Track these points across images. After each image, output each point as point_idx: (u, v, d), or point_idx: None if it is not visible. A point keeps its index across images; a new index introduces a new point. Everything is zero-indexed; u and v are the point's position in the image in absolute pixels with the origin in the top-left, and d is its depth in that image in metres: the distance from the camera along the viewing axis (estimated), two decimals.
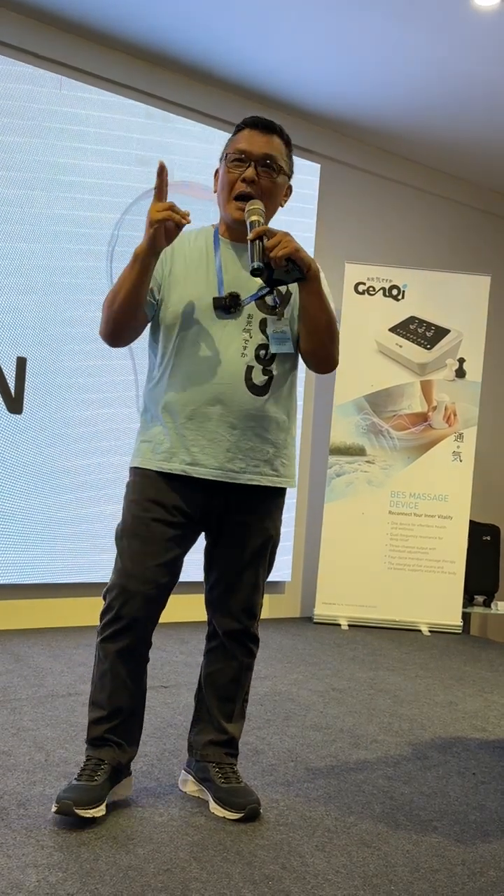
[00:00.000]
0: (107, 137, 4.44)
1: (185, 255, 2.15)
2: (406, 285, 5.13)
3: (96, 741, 2.14)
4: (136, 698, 2.16)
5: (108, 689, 2.12)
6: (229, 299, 2.08)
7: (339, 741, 2.85)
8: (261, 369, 2.12)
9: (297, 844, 2.05)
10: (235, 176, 2.11)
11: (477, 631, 5.82)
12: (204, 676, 2.28)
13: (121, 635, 2.11)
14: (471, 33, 4.11)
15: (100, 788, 2.07)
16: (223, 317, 2.10)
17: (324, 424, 5.28)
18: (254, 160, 2.10)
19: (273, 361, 2.14)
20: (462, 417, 5.12)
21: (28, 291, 4.20)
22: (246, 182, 2.10)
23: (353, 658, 4.15)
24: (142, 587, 2.10)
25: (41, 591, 4.27)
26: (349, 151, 5.41)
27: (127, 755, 2.16)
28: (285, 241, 1.96)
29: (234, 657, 2.24)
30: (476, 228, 6.06)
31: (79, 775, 2.10)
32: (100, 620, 2.15)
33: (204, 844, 2.00)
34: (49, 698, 3.04)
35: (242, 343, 2.10)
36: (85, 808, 2.01)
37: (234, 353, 2.09)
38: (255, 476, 2.14)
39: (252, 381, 2.11)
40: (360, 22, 4.10)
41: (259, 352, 2.12)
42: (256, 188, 2.10)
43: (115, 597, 2.11)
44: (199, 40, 4.38)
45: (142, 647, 2.16)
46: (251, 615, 2.24)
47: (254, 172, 2.10)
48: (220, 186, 2.17)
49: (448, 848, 2.11)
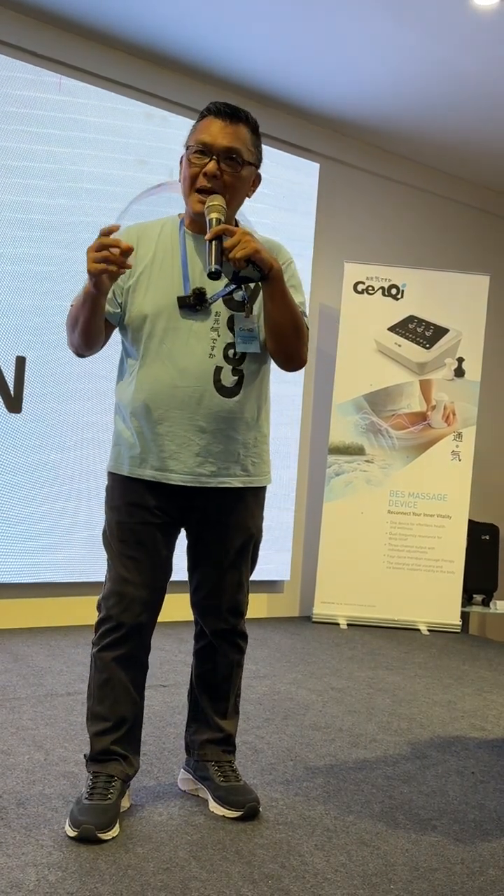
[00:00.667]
0: (106, 136, 4.44)
1: (150, 251, 2.06)
2: (405, 285, 5.13)
3: (102, 755, 2.07)
4: (137, 707, 2.13)
5: (111, 699, 2.07)
6: (194, 297, 1.99)
7: (339, 740, 2.86)
8: (230, 369, 2.05)
9: (296, 843, 2.05)
10: (197, 170, 2.00)
11: (476, 630, 5.82)
12: (195, 676, 2.26)
13: (121, 643, 2.07)
14: (470, 32, 4.11)
15: (115, 807, 2.01)
16: (189, 316, 2.02)
17: (323, 424, 5.28)
18: (216, 153, 1.99)
19: (244, 360, 2.07)
20: (461, 417, 5.12)
21: (27, 291, 4.20)
22: (207, 177, 1.99)
23: (351, 657, 4.15)
24: (139, 592, 2.08)
25: (40, 590, 4.27)
26: (348, 151, 5.41)
27: (133, 768, 2.12)
28: (244, 242, 1.88)
29: (225, 655, 2.23)
30: (475, 228, 6.06)
31: (90, 794, 2.02)
32: (96, 630, 2.11)
33: (203, 843, 2.00)
34: (48, 697, 3.04)
35: (210, 343, 2.03)
36: (104, 831, 1.95)
37: (202, 353, 2.02)
38: (225, 479, 2.09)
39: (221, 383, 2.04)
40: (360, 21, 4.10)
41: (228, 351, 2.04)
42: (218, 183, 2.00)
43: (114, 605, 2.07)
44: (199, 39, 4.38)
45: (142, 654, 2.13)
46: (238, 613, 2.22)
47: (216, 167, 1.99)
48: (182, 178, 2.05)
49: (447, 847, 2.11)
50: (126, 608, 2.06)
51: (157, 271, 2.06)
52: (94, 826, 1.94)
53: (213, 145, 2.00)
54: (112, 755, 2.08)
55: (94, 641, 2.12)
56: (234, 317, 2.05)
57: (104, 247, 1.83)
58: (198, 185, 2.01)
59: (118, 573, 2.09)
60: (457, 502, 5.08)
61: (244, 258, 1.88)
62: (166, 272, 2.06)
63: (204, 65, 4.63)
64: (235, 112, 2.02)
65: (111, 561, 2.12)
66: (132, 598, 2.07)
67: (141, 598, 2.07)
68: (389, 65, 4.49)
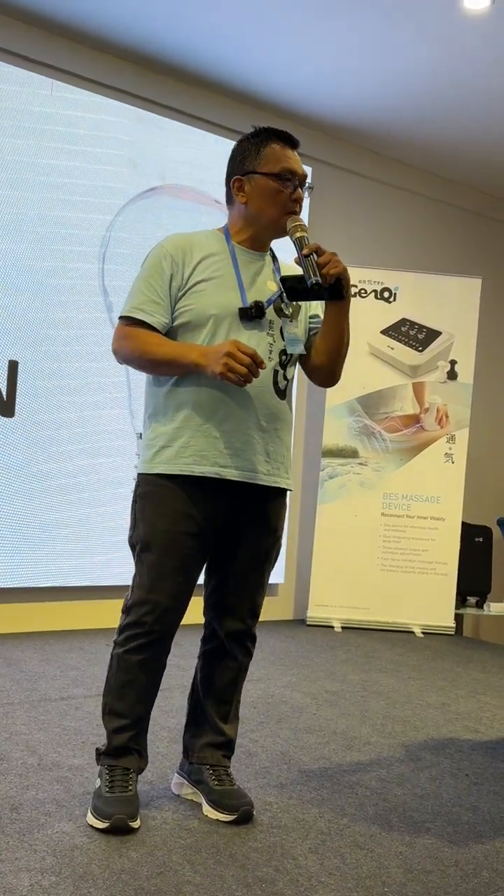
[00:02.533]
0: (98, 140, 4.45)
1: (202, 257, 2.15)
2: (398, 288, 5.14)
3: (119, 750, 2.13)
4: (151, 707, 2.19)
5: (132, 699, 2.13)
6: (255, 309, 2.12)
7: (333, 743, 2.86)
8: (283, 374, 2.18)
9: (290, 847, 2.05)
10: (287, 196, 2.16)
11: (470, 632, 5.83)
12: (201, 679, 2.27)
13: (147, 648, 2.12)
14: (461, 36, 4.12)
15: (136, 798, 2.11)
16: (248, 325, 2.13)
17: (316, 427, 5.29)
18: (298, 180, 2.18)
19: (287, 366, 2.20)
20: (454, 419, 5.13)
21: (19, 294, 4.20)
22: (296, 202, 2.17)
23: (346, 660, 4.15)
24: (173, 602, 2.11)
25: (33, 594, 4.26)
26: (341, 154, 5.42)
27: (144, 762, 2.19)
28: (336, 261, 2.04)
29: (234, 658, 2.25)
30: (467, 231, 6.07)
31: (111, 787, 2.08)
32: (120, 633, 2.14)
33: (197, 847, 2.00)
34: (41, 702, 3.04)
35: (268, 347, 2.15)
36: (133, 820, 2.05)
37: (263, 355, 2.12)
38: (277, 478, 2.19)
39: (278, 385, 2.17)
40: (352, 25, 4.11)
41: (281, 356, 2.17)
42: (299, 207, 2.20)
43: (146, 612, 2.09)
44: (191, 44, 4.39)
45: (163, 657, 2.18)
46: (255, 615, 2.27)
47: (302, 195, 2.19)
48: (264, 201, 2.17)
49: (441, 849, 2.11)
50: (159, 617, 2.10)
51: (213, 277, 2.14)
52: (126, 815, 2.02)
53: (297, 173, 2.18)
54: (129, 750, 2.14)
55: (118, 642, 2.15)
56: (282, 325, 2.18)
57: (252, 363, 2.00)
58: (288, 210, 2.17)
59: (153, 581, 2.10)
60: (450, 504, 5.09)
61: (335, 276, 2.04)
62: (223, 279, 2.14)
63: (196, 69, 4.64)
64: (296, 140, 2.23)
65: (147, 567, 2.12)
66: (165, 608, 2.10)
67: (173, 608, 2.12)
68: (381, 68, 4.51)
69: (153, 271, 2.12)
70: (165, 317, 2.11)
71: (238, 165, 2.20)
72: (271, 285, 2.18)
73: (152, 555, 2.11)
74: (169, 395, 2.14)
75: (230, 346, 1.99)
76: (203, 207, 4.78)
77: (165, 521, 2.10)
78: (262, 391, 2.13)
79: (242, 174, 2.18)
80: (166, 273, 2.11)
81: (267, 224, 2.18)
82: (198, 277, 2.12)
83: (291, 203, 2.16)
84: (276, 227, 2.18)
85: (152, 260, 2.14)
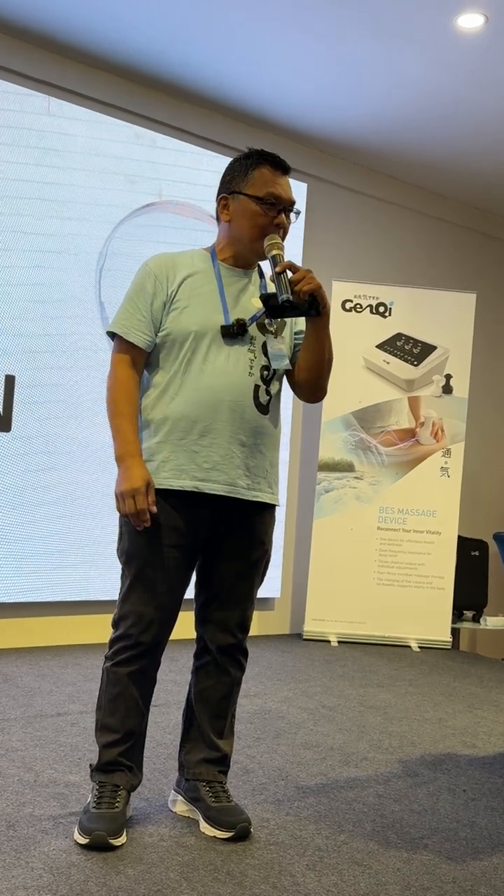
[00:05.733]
0: (95, 156, 4.47)
1: (186, 275, 2.18)
2: (393, 302, 5.17)
3: (109, 766, 2.14)
4: (144, 720, 2.19)
5: (122, 713, 2.14)
6: (237, 327, 2.15)
7: (330, 759, 2.85)
8: (265, 389, 2.19)
9: (287, 864, 2.04)
10: (267, 220, 2.17)
11: (466, 646, 5.82)
12: (195, 694, 2.27)
13: (136, 660, 2.14)
14: (454, 54, 4.16)
15: (122, 815, 2.10)
16: (230, 342, 2.16)
17: (312, 441, 5.30)
18: (283, 206, 2.18)
19: (271, 381, 2.21)
20: (449, 433, 5.15)
21: (16, 309, 4.21)
22: (278, 228, 2.18)
23: (342, 675, 4.15)
24: (161, 614, 2.13)
25: (28, 609, 4.25)
26: (335, 170, 5.46)
27: (137, 779, 2.18)
28: (309, 278, 2.06)
29: (227, 672, 2.25)
30: (462, 246, 6.11)
31: (97, 803, 2.10)
32: (110, 646, 2.16)
33: (194, 865, 1.99)
34: (37, 718, 3.03)
35: (249, 363, 2.16)
36: (115, 837, 2.04)
37: (243, 372, 2.15)
38: (257, 493, 2.19)
39: (259, 400, 2.18)
40: (346, 43, 4.15)
41: (262, 372, 2.19)
42: (283, 232, 2.20)
43: (133, 624, 2.12)
44: (187, 62, 4.42)
45: (153, 670, 2.19)
46: (245, 629, 2.26)
47: (287, 221, 2.19)
48: (246, 223, 2.18)
49: (439, 865, 2.10)
50: (145, 629, 2.12)
51: (196, 295, 2.17)
52: (106, 832, 2.02)
53: (284, 199, 2.19)
54: (119, 766, 2.15)
55: (107, 656, 2.18)
56: (265, 342, 2.20)
57: (142, 514, 2.08)
58: (268, 234, 2.17)
59: (140, 594, 2.13)
60: (446, 518, 5.10)
61: (309, 292, 2.06)
62: (206, 297, 2.17)
63: (192, 86, 4.67)
64: (288, 166, 2.24)
65: (133, 580, 2.14)
66: (152, 619, 2.12)
67: (160, 619, 2.14)
68: (376, 85, 4.54)
69: (138, 291, 2.18)
70: (149, 335, 2.16)
71: (227, 184, 2.23)
72: (256, 302, 2.21)
73: (137, 567, 2.14)
74: (151, 409, 2.17)
75: (137, 488, 2.06)
76: (199, 224, 4.81)
77: (149, 534, 2.12)
78: (243, 406, 2.15)
79: (229, 193, 2.21)
80: (149, 292, 2.16)
81: (247, 244, 2.20)
82: (181, 295, 2.16)
83: (273, 228, 2.17)
84: (255, 249, 2.19)
85: (138, 279, 2.20)
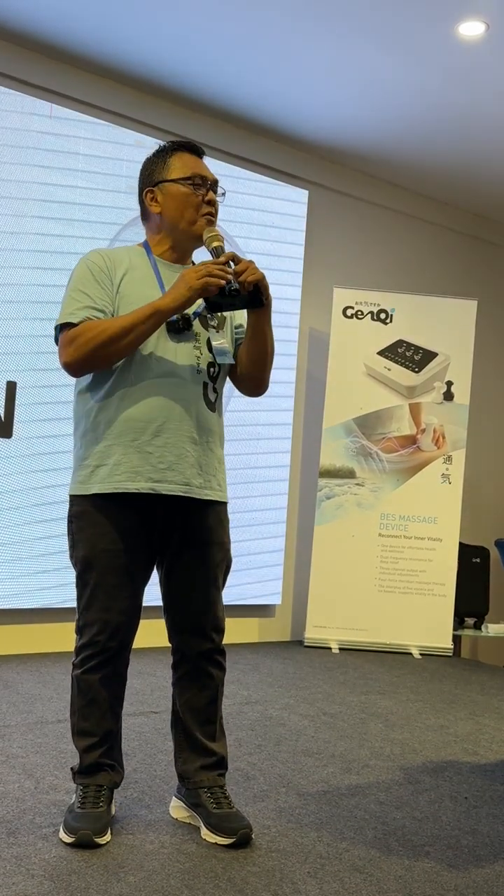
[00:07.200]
0: (97, 163, 4.48)
1: (124, 273, 2.15)
2: (394, 309, 5.17)
3: (91, 768, 2.15)
4: (119, 718, 2.21)
5: (97, 716, 2.15)
6: (182, 322, 2.13)
7: (331, 766, 2.84)
8: (212, 386, 2.19)
9: (289, 871, 2.03)
10: (199, 199, 2.17)
11: (467, 653, 5.81)
12: (181, 705, 2.24)
13: (105, 665, 2.14)
14: (456, 62, 4.18)
15: (106, 814, 2.12)
16: (175, 338, 2.14)
17: (313, 447, 5.30)
18: (210, 184, 2.20)
19: (217, 379, 2.21)
20: (450, 440, 5.15)
21: (18, 315, 4.21)
22: (210, 204, 2.18)
23: (343, 682, 4.14)
24: (123, 618, 2.13)
25: (30, 616, 4.25)
26: (337, 177, 5.47)
27: (119, 775, 2.20)
28: (253, 268, 2.05)
29: (210, 676, 2.23)
30: (463, 253, 6.12)
31: (82, 803, 2.11)
32: (77, 654, 2.16)
33: (195, 872, 1.98)
34: (38, 725, 3.02)
35: (196, 360, 2.16)
36: (100, 836, 2.06)
37: (191, 369, 2.14)
38: (209, 491, 2.18)
39: (207, 397, 2.18)
40: (348, 50, 4.16)
41: (209, 369, 2.18)
42: (215, 209, 2.21)
43: (99, 631, 2.11)
44: (189, 69, 4.44)
45: (123, 670, 2.19)
46: (220, 631, 2.25)
47: (214, 196, 2.20)
48: (178, 207, 2.17)
49: (441, 873, 2.10)
50: (111, 635, 2.12)
51: (136, 293, 2.13)
52: (91, 831, 2.04)
53: (207, 177, 2.21)
54: (101, 767, 2.16)
55: (75, 664, 2.17)
56: (209, 338, 2.19)
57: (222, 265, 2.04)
58: (203, 212, 2.18)
59: (101, 602, 2.12)
60: (447, 525, 5.10)
61: (252, 283, 2.04)
62: (146, 295, 2.12)
63: (194, 93, 4.69)
64: (202, 150, 2.29)
65: (94, 587, 2.13)
66: (118, 625, 2.12)
67: (125, 623, 2.14)
68: (377, 93, 4.56)
69: (84, 279, 2.12)
70: (106, 315, 2.10)
71: (147, 179, 2.23)
72: None
73: (96, 574, 2.12)
74: (99, 411, 2.13)
75: (202, 267, 2.03)
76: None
77: (105, 539, 2.11)
78: (194, 404, 2.14)
79: (154, 185, 2.20)
80: (98, 280, 2.11)
81: (185, 229, 2.19)
82: (123, 291, 2.13)
83: (206, 205, 2.17)
84: (193, 233, 2.18)
85: (80, 273, 2.14)
